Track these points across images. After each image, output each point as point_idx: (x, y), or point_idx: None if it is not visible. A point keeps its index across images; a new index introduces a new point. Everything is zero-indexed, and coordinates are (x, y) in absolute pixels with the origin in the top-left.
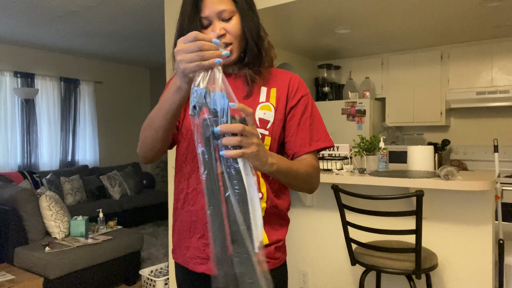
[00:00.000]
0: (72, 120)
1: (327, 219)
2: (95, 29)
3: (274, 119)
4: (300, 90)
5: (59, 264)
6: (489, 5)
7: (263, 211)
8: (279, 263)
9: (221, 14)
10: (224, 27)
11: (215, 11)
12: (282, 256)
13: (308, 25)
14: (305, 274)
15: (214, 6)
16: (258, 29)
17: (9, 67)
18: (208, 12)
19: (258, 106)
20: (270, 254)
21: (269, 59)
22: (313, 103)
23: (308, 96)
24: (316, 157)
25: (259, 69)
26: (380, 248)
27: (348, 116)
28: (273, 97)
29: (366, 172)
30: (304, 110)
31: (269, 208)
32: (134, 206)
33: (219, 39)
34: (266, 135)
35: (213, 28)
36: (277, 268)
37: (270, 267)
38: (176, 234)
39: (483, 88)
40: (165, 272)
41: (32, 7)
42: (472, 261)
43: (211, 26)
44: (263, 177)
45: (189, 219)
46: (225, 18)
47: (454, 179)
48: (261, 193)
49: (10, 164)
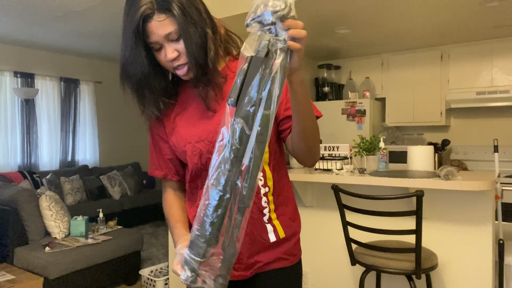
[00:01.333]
0: (72, 120)
1: (327, 219)
2: (95, 29)
3: None
4: None
5: (59, 264)
6: (489, 5)
7: (272, 203)
8: (296, 260)
9: (168, 37)
10: (176, 49)
11: (161, 35)
12: (298, 253)
13: (308, 25)
14: (305, 274)
15: (160, 32)
16: (203, 45)
17: (9, 67)
18: (156, 38)
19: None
20: (288, 250)
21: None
22: None
23: None
24: None
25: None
26: (380, 248)
27: (348, 116)
28: None
29: (366, 172)
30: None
31: (277, 199)
32: (134, 206)
33: (173, 62)
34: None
35: (165, 51)
36: (295, 265)
37: (288, 265)
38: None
39: (483, 88)
40: (165, 272)
41: (32, 7)
42: (472, 261)
43: (163, 49)
44: (270, 170)
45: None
46: (173, 39)
47: (454, 179)
48: (268, 187)
49: (10, 164)
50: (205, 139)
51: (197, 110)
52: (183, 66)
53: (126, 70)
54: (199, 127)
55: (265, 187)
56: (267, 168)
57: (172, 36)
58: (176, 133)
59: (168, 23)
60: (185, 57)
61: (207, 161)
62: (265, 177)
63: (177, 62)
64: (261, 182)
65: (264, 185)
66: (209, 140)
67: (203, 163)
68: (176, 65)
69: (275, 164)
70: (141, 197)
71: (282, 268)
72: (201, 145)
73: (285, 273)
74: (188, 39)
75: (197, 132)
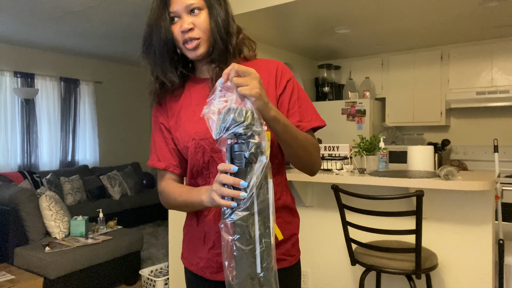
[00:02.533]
0: (72, 120)
1: (327, 219)
2: (96, 29)
3: None
4: (285, 75)
5: (59, 264)
6: (489, 5)
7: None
8: (295, 260)
9: (189, 8)
10: (192, 21)
11: (183, 5)
12: (297, 254)
13: (308, 25)
14: (305, 274)
15: (183, 0)
16: (227, 24)
17: (9, 67)
18: (177, 7)
19: None
20: (287, 252)
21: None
22: (298, 86)
23: (293, 79)
24: (314, 136)
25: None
26: (380, 248)
27: (348, 116)
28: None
29: (366, 172)
30: (291, 94)
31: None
32: (134, 206)
33: (187, 33)
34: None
35: (181, 22)
36: (293, 265)
37: (287, 265)
38: (187, 241)
39: (483, 88)
40: (165, 272)
41: (32, 7)
42: (472, 261)
43: (180, 20)
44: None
45: (202, 230)
46: (193, 12)
47: (454, 179)
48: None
49: (10, 164)
50: (209, 137)
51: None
52: (193, 40)
53: (150, 36)
54: (204, 124)
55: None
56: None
57: (193, 7)
58: (180, 127)
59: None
60: (199, 31)
61: (210, 160)
62: None
63: (189, 34)
64: None
65: None
66: (213, 139)
67: (206, 161)
68: (188, 37)
69: (275, 173)
70: (141, 197)
71: (280, 269)
72: (205, 142)
73: (284, 274)
74: (213, 14)
75: (202, 130)
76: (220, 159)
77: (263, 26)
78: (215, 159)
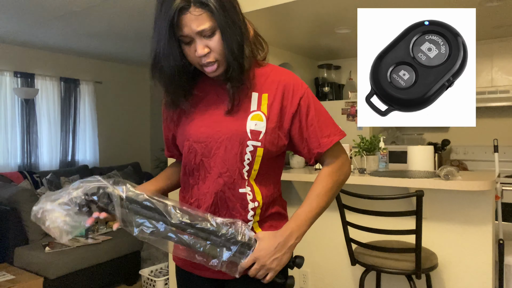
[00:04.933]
0: (72, 120)
1: (327, 219)
2: (95, 29)
3: (266, 128)
4: (297, 92)
5: (59, 264)
6: (489, 5)
7: (258, 216)
8: None
9: (202, 33)
10: (207, 45)
11: (194, 30)
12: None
13: (308, 25)
14: (305, 274)
15: (193, 26)
16: (241, 43)
17: (9, 67)
18: (188, 31)
19: (249, 116)
20: None
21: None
22: (313, 99)
23: (307, 94)
24: (334, 151)
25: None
26: (380, 248)
27: (348, 116)
28: (265, 104)
29: (366, 172)
30: (307, 112)
31: (264, 212)
32: None
33: (203, 58)
34: (259, 147)
35: (196, 46)
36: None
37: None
38: None
39: (483, 88)
40: (165, 272)
41: (32, 7)
42: (472, 261)
43: (193, 44)
44: (257, 185)
45: None
46: (206, 35)
47: (454, 179)
48: (257, 202)
49: (10, 164)
50: (203, 141)
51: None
52: (212, 64)
53: (158, 63)
54: (200, 128)
55: (254, 202)
56: (254, 183)
57: (206, 33)
58: (181, 126)
59: (204, 18)
60: (215, 54)
61: (200, 162)
62: (253, 192)
63: (206, 59)
64: (250, 197)
65: (252, 200)
66: (206, 144)
67: (197, 163)
68: (206, 62)
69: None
70: None
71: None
72: (198, 146)
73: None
74: (226, 37)
75: (198, 133)
76: (209, 164)
77: (263, 26)
78: (205, 163)
